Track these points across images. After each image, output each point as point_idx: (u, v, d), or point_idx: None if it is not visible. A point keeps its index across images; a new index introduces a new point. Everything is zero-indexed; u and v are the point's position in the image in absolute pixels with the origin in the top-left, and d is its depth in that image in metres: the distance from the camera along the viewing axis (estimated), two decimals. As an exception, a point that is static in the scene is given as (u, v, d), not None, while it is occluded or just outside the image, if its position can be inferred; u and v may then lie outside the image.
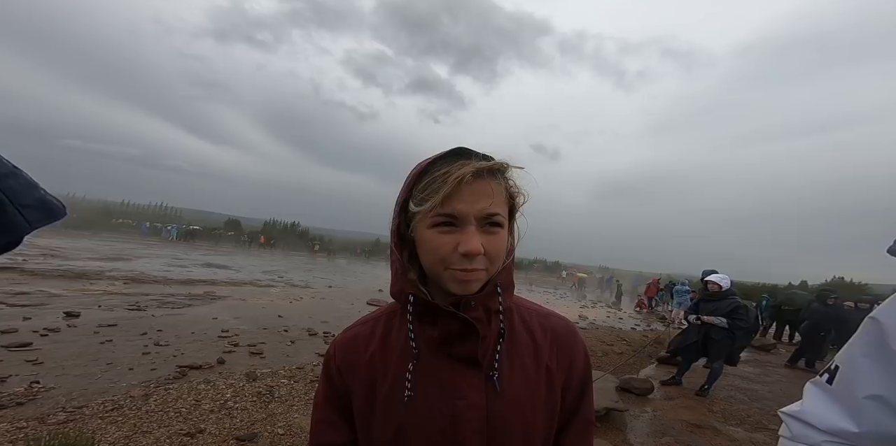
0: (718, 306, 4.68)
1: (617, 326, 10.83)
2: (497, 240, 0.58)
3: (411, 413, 0.60)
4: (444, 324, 0.60)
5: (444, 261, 0.57)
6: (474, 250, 0.55)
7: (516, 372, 0.63)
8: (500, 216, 0.58)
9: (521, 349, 0.65)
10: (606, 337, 8.59)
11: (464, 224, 0.56)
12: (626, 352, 7.14)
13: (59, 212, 0.48)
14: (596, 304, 17.49)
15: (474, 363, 0.60)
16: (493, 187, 0.57)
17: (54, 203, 0.48)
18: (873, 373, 0.61)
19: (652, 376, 5.59)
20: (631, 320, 12.84)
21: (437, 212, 0.56)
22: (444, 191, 0.55)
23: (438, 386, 0.60)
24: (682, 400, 4.64)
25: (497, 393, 0.60)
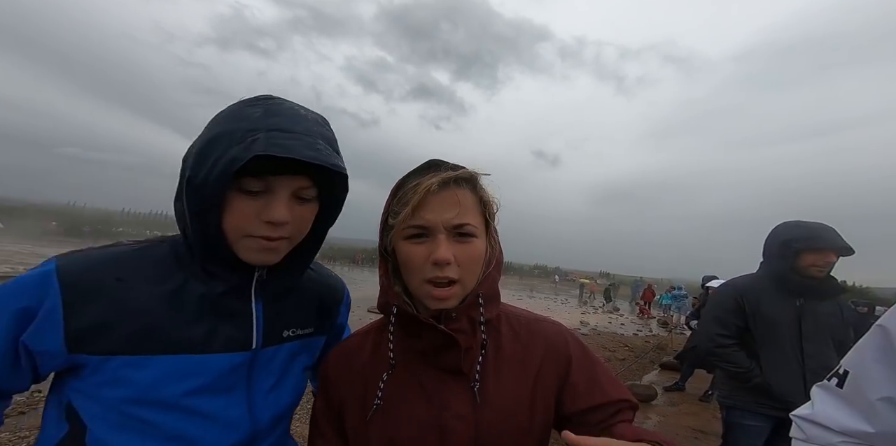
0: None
1: (619, 332, 10.78)
2: (469, 250, 0.59)
3: (395, 422, 0.61)
4: (427, 336, 0.60)
5: (420, 272, 0.58)
6: (441, 258, 0.56)
7: (504, 383, 0.63)
8: (469, 226, 0.59)
9: (509, 357, 0.65)
10: (608, 343, 8.55)
11: (433, 234, 0.58)
12: (628, 358, 7.11)
13: None
14: (598, 310, 17.42)
15: (459, 374, 0.61)
16: (460, 197, 0.59)
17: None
18: (885, 377, 0.64)
19: (655, 382, 5.57)
20: (633, 326, 12.78)
21: (408, 223, 0.59)
22: (412, 203, 0.58)
23: (426, 397, 0.61)
24: (686, 407, 4.62)
25: (481, 404, 0.60)
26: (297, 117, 0.59)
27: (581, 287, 24.89)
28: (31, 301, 0.54)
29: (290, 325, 0.72)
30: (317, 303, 0.78)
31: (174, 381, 0.59)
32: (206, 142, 0.57)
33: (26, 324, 0.55)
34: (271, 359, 0.69)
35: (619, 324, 13.00)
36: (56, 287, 0.55)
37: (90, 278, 0.57)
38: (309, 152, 0.55)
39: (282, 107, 0.60)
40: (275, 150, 0.53)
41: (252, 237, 0.59)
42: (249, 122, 0.56)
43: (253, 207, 0.58)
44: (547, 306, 16.31)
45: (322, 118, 0.65)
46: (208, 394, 0.61)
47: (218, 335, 0.62)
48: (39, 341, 0.55)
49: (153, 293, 0.60)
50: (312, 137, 0.58)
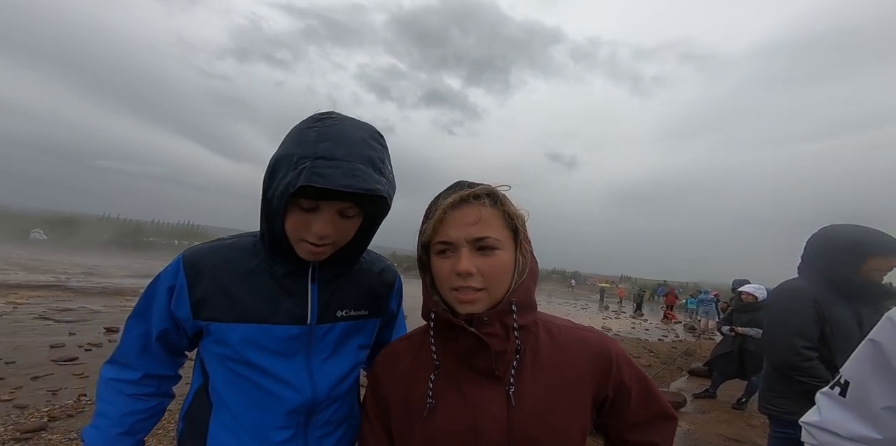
0: (755, 317, 4.52)
1: (643, 337, 10.48)
2: (492, 262, 0.63)
3: (435, 421, 0.65)
4: (463, 339, 0.64)
5: (447, 282, 0.64)
6: (462, 269, 0.61)
7: (541, 388, 0.65)
8: (490, 239, 0.63)
9: (546, 363, 0.67)
10: (632, 349, 8.34)
11: (456, 248, 0.63)
12: (654, 365, 6.91)
13: None
14: (619, 315, 16.99)
15: (493, 377, 0.64)
16: (480, 211, 0.63)
17: None
18: (885, 388, 0.68)
19: (683, 389, 5.40)
20: (657, 331, 12.40)
21: (436, 240, 0.65)
22: (432, 222, 0.65)
23: (462, 397, 0.65)
24: (718, 414, 4.46)
25: (516, 407, 0.63)
26: (343, 141, 0.68)
27: (601, 292, 24.26)
28: (172, 281, 0.77)
29: (344, 307, 0.84)
30: (369, 290, 0.90)
31: (251, 345, 0.75)
32: (275, 163, 0.70)
33: (171, 298, 0.77)
34: (326, 334, 0.82)
35: (643, 329, 12.64)
36: (182, 270, 0.76)
37: (199, 264, 0.77)
38: (344, 181, 0.64)
39: (332, 129, 0.69)
40: (315, 181, 0.63)
41: (304, 241, 0.73)
42: (303, 148, 0.67)
43: (305, 220, 0.72)
44: (566, 311, 16.03)
45: (371, 134, 0.73)
46: (276, 358, 0.77)
47: (281, 309, 0.77)
48: (178, 310, 0.76)
49: (236, 274, 0.78)
50: (352, 163, 0.66)
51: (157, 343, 0.79)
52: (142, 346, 0.80)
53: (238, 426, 0.76)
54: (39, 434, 2.77)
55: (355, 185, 0.65)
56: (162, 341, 0.80)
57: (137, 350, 0.80)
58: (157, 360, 0.81)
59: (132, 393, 0.80)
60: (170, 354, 0.83)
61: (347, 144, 0.68)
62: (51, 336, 5.49)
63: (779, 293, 1.80)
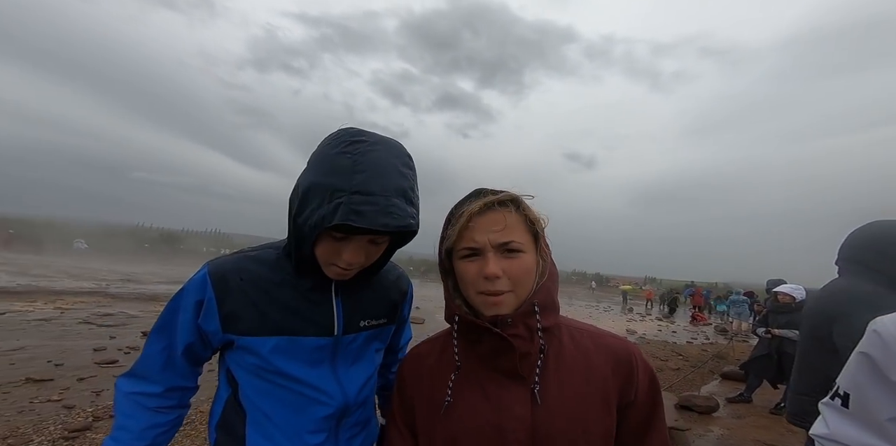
0: (792, 318, 4.31)
1: (670, 340, 10.13)
2: (517, 264, 0.65)
3: (457, 419, 0.66)
4: (486, 341, 0.65)
5: (474, 286, 0.66)
6: (490, 272, 0.63)
7: (565, 388, 0.66)
8: (515, 242, 0.65)
9: (571, 365, 0.68)
10: (659, 351, 8.07)
11: (483, 252, 0.65)
12: (682, 368, 6.67)
13: None
14: (645, 317, 16.47)
15: (517, 377, 0.66)
16: (505, 217, 0.65)
17: None
18: (886, 400, 0.66)
19: (715, 393, 5.18)
20: (686, 333, 11.94)
21: (461, 245, 0.67)
22: (458, 228, 0.66)
23: (485, 397, 0.66)
24: (755, 419, 4.26)
25: (541, 407, 0.64)
26: (379, 173, 0.69)
27: (623, 294, 23.47)
28: (200, 295, 0.77)
29: (366, 317, 0.87)
30: (387, 299, 0.93)
31: (282, 355, 0.78)
32: (307, 190, 0.71)
33: (199, 312, 0.77)
34: (351, 343, 0.85)
35: (670, 331, 12.20)
36: (210, 285, 0.77)
37: (226, 277, 0.78)
38: (381, 220, 0.66)
39: (367, 158, 0.69)
40: (353, 220, 0.65)
41: (334, 265, 0.76)
42: (338, 179, 0.67)
43: (335, 248, 0.74)
44: (589, 314, 15.67)
45: (403, 159, 0.74)
46: (305, 367, 0.80)
47: (309, 321, 0.80)
48: (207, 323, 0.77)
49: (263, 288, 0.79)
50: (388, 198, 0.68)
51: (183, 356, 0.80)
52: (165, 360, 0.80)
53: (275, 430, 0.78)
54: (84, 433, 2.93)
55: (391, 225, 0.67)
56: (187, 354, 0.80)
57: (161, 364, 0.80)
58: (180, 373, 0.82)
59: (154, 407, 0.79)
60: (192, 366, 0.84)
61: (382, 177, 0.69)
62: (93, 339, 5.82)
63: (832, 294, 1.61)
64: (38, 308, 7.69)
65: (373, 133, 0.75)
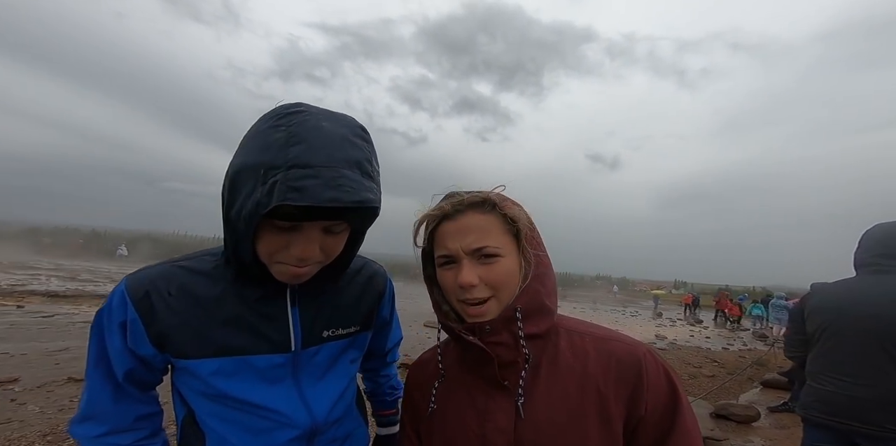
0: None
1: (704, 346, 9.64)
2: (494, 269, 0.60)
3: (444, 428, 0.65)
4: (470, 349, 0.62)
5: (453, 294, 0.63)
6: (464, 282, 0.59)
7: (555, 399, 0.61)
8: (489, 247, 0.60)
9: (565, 374, 0.62)
10: (692, 358, 7.68)
11: (458, 260, 0.61)
12: (718, 375, 6.30)
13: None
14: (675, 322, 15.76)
15: (501, 387, 0.62)
16: (478, 221, 0.61)
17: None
18: None
19: (756, 402, 4.85)
20: (720, 339, 11.34)
21: (437, 253, 0.64)
22: (423, 236, 0.64)
23: (473, 407, 0.64)
24: (799, 430, 3.94)
25: (525, 419, 0.60)
26: (321, 140, 0.55)
27: (655, 299, 22.55)
28: (122, 316, 0.65)
29: (331, 326, 0.74)
30: (357, 303, 0.80)
31: (227, 379, 0.66)
32: (235, 175, 0.58)
33: (125, 335, 0.65)
34: (314, 356, 0.73)
35: (703, 337, 11.61)
36: (130, 303, 0.64)
37: (149, 294, 0.65)
38: (328, 194, 0.52)
39: (304, 126, 0.56)
40: (292, 198, 0.51)
41: (282, 263, 0.62)
42: (271, 155, 0.54)
43: (282, 241, 0.60)
44: (615, 319, 15.16)
45: (353, 129, 0.61)
46: (262, 389, 0.68)
47: (259, 338, 0.67)
48: (137, 347, 0.66)
49: (199, 303, 0.66)
50: (334, 169, 0.54)
51: (127, 384, 0.68)
52: (113, 393, 0.68)
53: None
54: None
55: (343, 199, 0.53)
56: (131, 381, 0.69)
57: (111, 398, 0.68)
58: (136, 401, 0.71)
59: (131, 443, 0.70)
60: (145, 391, 0.73)
61: (327, 146, 0.55)
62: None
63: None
64: (83, 311, 8.20)
65: (313, 105, 0.62)
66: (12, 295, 9.15)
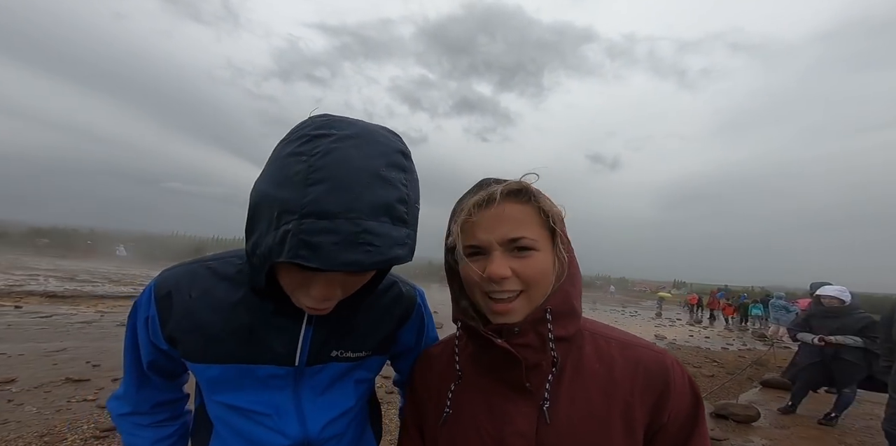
0: (845, 323, 3.98)
1: (703, 346, 9.63)
2: (529, 263, 0.56)
3: (458, 432, 0.62)
4: (491, 351, 0.59)
5: (479, 287, 0.58)
6: (495, 273, 0.55)
7: (579, 406, 0.58)
8: (526, 239, 0.56)
9: (590, 380, 0.60)
10: (691, 358, 7.67)
11: (489, 251, 0.57)
12: (717, 375, 6.30)
13: None
14: (675, 323, 15.77)
15: (524, 391, 0.59)
16: (514, 211, 0.57)
17: None
18: None
19: (755, 401, 4.85)
20: (720, 339, 11.34)
21: (465, 243, 0.59)
22: (460, 223, 0.59)
23: (489, 410, 0.61)
24: (801, 430, 3.94)
25: (548, 425, 0.57)
26: (344, 177, 0.48)
27: (659, 301, 22.43)
28: (147, 312, 0.68)
29: (341, 347, 0.72)
30: (374, 328, 0.76)
31: (225, 385, 0.67)
32: (255, 206, 0.54)
33: (148, 330, 0.69)
34: (318, 373, 0.71)
35: (702, 337, 11.62)
36: (154, 300, 0.66)
37: (171, 294, 0.66)
38: (346, 256, 0.46)
39: (329, 157, 0.48)
40: (303, 256, 0.45)
41: (299, 298, 0.59)
42: (287, 192, 0.48)
43: (301, 280, 0.56)
44: (614, 319, 15.15)
45: (388, 157, 0.52)
46: (259, 395, 0.68)
47: (264, 349, 0.66)
48: (157, 341, 0.69)
49: (216, 308, 0.66)
50: (356, 221, 0.47)
51: (151, 372, 0.73)
52: (138, 380, 0.74)
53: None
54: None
55: (363, 262, 0.46)
56: (155, 371, 0.73)
57: (136, 384, 0.74)
58: (158, 388, 0.76)
59: (150, 424, 0.76)
60: (169, 379, 0.77)
61: (352, 185, 0.47)
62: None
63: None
64: (81, 311, 8.17)
65: (349, 121, 0.54)
66: (10, 295, 9.11)
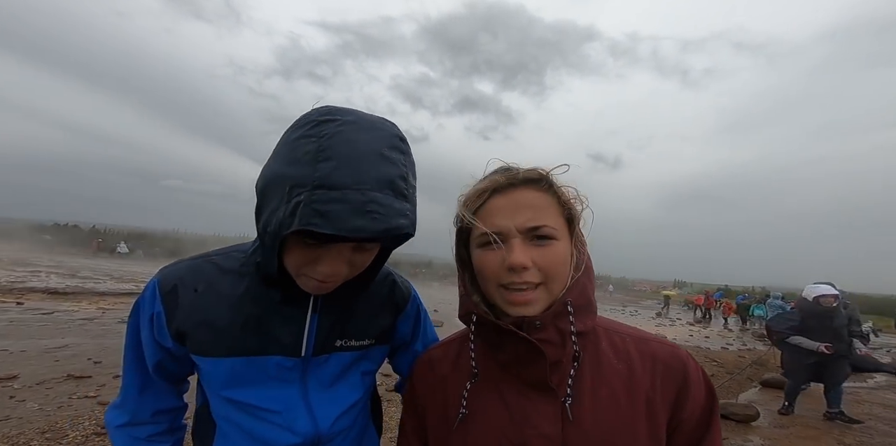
0: (840, 322, 3.99)
1: (703, 346, 9.63)
2: (549, 253, 0.54)
3: (473, 434, 0.58)
4: (510, 346, 0.56)
5: (496, 279, 0.55)
6: (516, 262, 0.52)
7: (603, 402, 0.56)
8: (547, 227, 0.54)
9: (610, 376, 0.57)
10: (692, 357, 7.67)
11: (507, 238, 0.54)
12: (717, 375, 6.30)
13: None
14: (675, 322, 15.77)
15: (546, 389, 0.56)
16: (534, 198, 0.55)
17: None
18: None
19: (755, 401, 4.85)
20: (720, 339, 11.35)
21: (480, 231, 0.56)
22: (474, 209, 0.57)
23: (507, 411, 0.57)
24: (800, 429, 3.95)
25: (573, 424, 0.54)
26: (351, 155, 0.52)
27: (666, 299, 22.37)
28: (152, 308, 0.67)
29: (345, 336, 0.73)
30: (376, 316, 0.77)
31: (236, 379, 0.67)
32: (264, 187, 0.56)
33: (153, 328, 0.67)
34: (324, 365, 0.71)
35: (702, 337, 11.63)
36: (159, 296, 0.66)
37: (178, 288, 0.66)
38: (355, 222, 0.49)
39: (337, 138, 0.52)
40: (315, 224, 0.48)
41: (306, 276, 0.60)
42: (298, 169, 0.51)
43: (309, 256, 0.58)
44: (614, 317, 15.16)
45: (389, 140, 0.56)
46: (267, 391, 0.68)
47: (271, 340, 0.67)
48: (162, 339, 0.68)
49: (222, 301, 0.66)
50: (364, 191, 0.50)
51: (156, 375, 0.71)
52: (141, 384, 0.72)
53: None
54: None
55: (370, 228, 0.50)
56: (160, 373, 0.71)
57: (138, 387, 0.72)
58: (161, 394, 0.74)
59: (147, 436, 0.72)
60: (172, 384, 0.75)
61: (357, 163, 0.51)
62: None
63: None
64: (83, 308, 8.20)
65: (349, 109, 0.58)
66: (12, 292, 9.14)
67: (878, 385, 6.54)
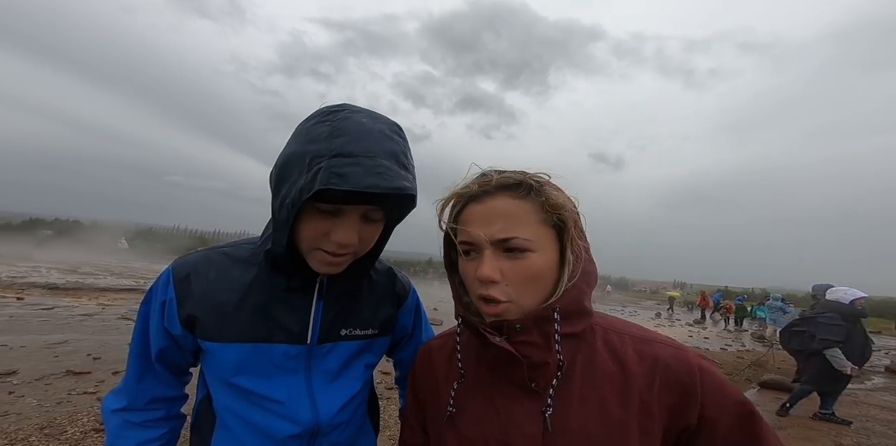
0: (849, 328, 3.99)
1: (702, 347, 9.63)
2: (519, 266, 0.53)
3: (462, 430, 0.59)
4: (493, 347, 0.55)
5: (472, 287, 0.56)
6: (483, 276, 0.52)
7: (590, 408, 0.54)
8: (517, 239, 0.52)
9: (602, 379, 0.56)
10: (691, 358, 7.67)
11: (479, 249, 0.54)
12: (717, 376, 6.31)
13: None
14: (675, 323, 15.79)
15: (532, 391, 0.56)
16: (508, 206, 0.54)
17: None
18: None
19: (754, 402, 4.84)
20: (719, 340, 11.35)
21: (459, 239, 0.56)
22: (448, 219, 0.57)
23: (494, 409, 0.58)
24: (798, 430, 3.95)
25: (555, 429, 0.53)
26: (362, 134, 0.60)
27: (670, 299, 22.34)
28: (164, 296, 0.70)
29: (349, 325, 0.76)
30: (378, 306, 0.81)
31: (245, 368, 0.69)
32: (283, 164, 0.62)
33: (164, 314, 0.70)
34: (328, 354, 0.74)
35: (701, 337, 11.63)
36: (172, 284, 0.70)
37: (191, 276, 0.70)
38: (369, 180, 0.56)
39: (348, 121, 0.61)
40: (335, 182, 0.55)
41: (320, 250, 0.64)
42: (316, 145, 0.59)
43: (324, 226, 0.63)
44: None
45: (391, 126, 0.65)
46: (272, 379, 0.70)
47: (278, 328, 0.70)
48: (171, 326, 0.70)
49: (232, 288, 0.70)
50: (374, 158, 0.58)
51: (159, 363, 0.73)
52: (143, 369, 0.74)
53: (240, 444, 0.70)
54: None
55: (382, 185, 0.56)
56: (163, 361, 0.73)
57: (139, 373, 0.74)
58: (160, 382, 0.75)
59: (141, 422, 0.73)
60: (173, 374, 0.76)
61: (367, 138, 0.59)
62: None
63: None
64: (83, 304, 8.21)
65: (355, 106, 0.66)
66: (12, 287, 9.16)
67: (876, 386, 6.56)
